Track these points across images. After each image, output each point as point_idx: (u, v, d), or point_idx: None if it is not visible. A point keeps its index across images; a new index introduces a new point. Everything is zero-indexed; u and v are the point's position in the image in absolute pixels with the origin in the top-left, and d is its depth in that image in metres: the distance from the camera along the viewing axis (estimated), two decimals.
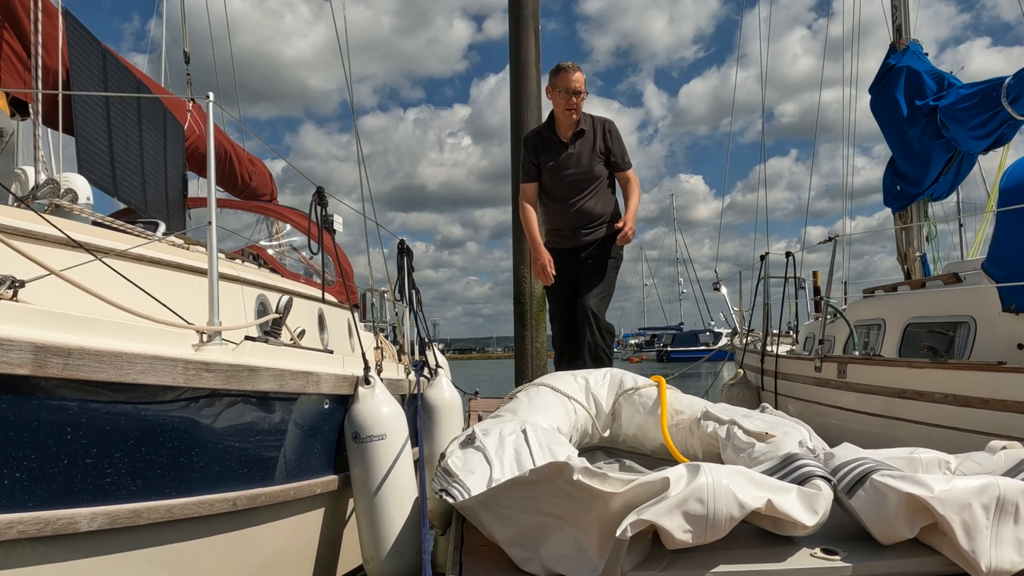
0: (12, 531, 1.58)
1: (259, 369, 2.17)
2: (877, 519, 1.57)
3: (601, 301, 4.10)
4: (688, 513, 1.44)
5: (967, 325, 4.01)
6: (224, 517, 2.13)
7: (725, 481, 1.47)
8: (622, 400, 2.99)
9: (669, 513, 1.44)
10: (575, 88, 4.00)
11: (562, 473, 1.52)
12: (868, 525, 1.60)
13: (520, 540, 1.67)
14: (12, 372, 1.53)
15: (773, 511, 1.51)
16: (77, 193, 3.23)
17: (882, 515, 1.56)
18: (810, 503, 1.54)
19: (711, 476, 1.47)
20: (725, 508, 1.45)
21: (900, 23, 6.46)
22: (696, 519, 1.45)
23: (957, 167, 5.97)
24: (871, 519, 1.59)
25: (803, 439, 2.21)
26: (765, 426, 2.34)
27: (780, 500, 1.52)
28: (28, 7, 3.58)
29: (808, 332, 7.44)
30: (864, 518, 1.61)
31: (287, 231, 6.08)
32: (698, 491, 1.45)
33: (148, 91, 4.60)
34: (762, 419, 2.47)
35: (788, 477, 1.62)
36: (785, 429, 2.30)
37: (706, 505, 1.45)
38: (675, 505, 1.44)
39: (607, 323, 4.10)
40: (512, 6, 6.61)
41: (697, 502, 1.45)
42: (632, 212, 4.15)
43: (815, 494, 1.55)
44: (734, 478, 1.50)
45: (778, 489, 1.55)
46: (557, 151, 4.15)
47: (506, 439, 2.17)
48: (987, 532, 1.47)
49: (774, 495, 1.52)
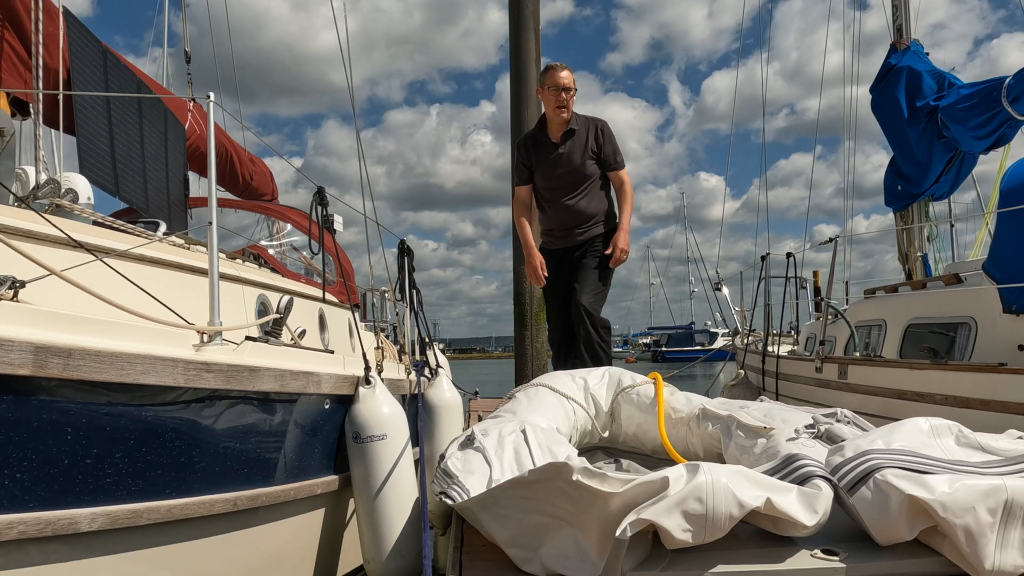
0: (13, 531, 1.59)
1: (260, 369, 2.17)
2: (877, 519, 1.56)
3: (595, 298, 4.10)
4: (687, 512, 1.44)
5: (968, 326, 4.01)
6: (225, 517, 2.13)
7: (724, 480, 1.47)
8: (621, 399, 2.99)
9: (668, 512, 1.43)
10: (564, 84, 4.04)
11: (561, 473, 1.52)
12: (868, 525, 1.60)
13: (520, 540, 1.67)
14: (13, 372, 1.53)
15: (773, 510, 1.50)
16: (78, 193, 3.23)
17: (883, 516, 1.55)
18: (810, 503, 1.54)
19: (710, 475, 1.47)
20: (724, 507, 1.45)
21: (900, 23, 6.46)
22: (695, 518, 1.44)
23: (958, 167, 5.97)
24: (871, 519, 1.58)
25: (802, 424, 2.20)
26: (762, 416, 2.34)
27: (780, 499, 1.52)
28: (29, 7, 3.58)
29: (809, 333, 7.44)
30: (864, 518, 1.60)
31: (288, 231, 6.09)
32: (697, 490, 1.44)
33: (149, 91, 4.60)
34: (759, 408, 2.47)
35: (788, 477, 1.62)
36: (784, 416, 2.31)
37: (705, 504, 1.44)
38: (674, 504, 1.44)
39: (602, 318, 4.10)
40: (512, 6, 6.61)
41: (696, 501, 1.44)
42: (625, 226, 4.16)
43: (815, 494, 1.55)
44: (733, 477, 1.49)
45: (778, 489, 1.55)
46: (548, 151, 4.17)
47: (505, 439, 2.17)
48: (991, 536, 1.45)
49: (774, 494, 1.52)
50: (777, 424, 2.25)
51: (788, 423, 2.24)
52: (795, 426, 2.19)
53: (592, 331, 4.00)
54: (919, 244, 6.43)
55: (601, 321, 4.08)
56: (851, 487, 1.61)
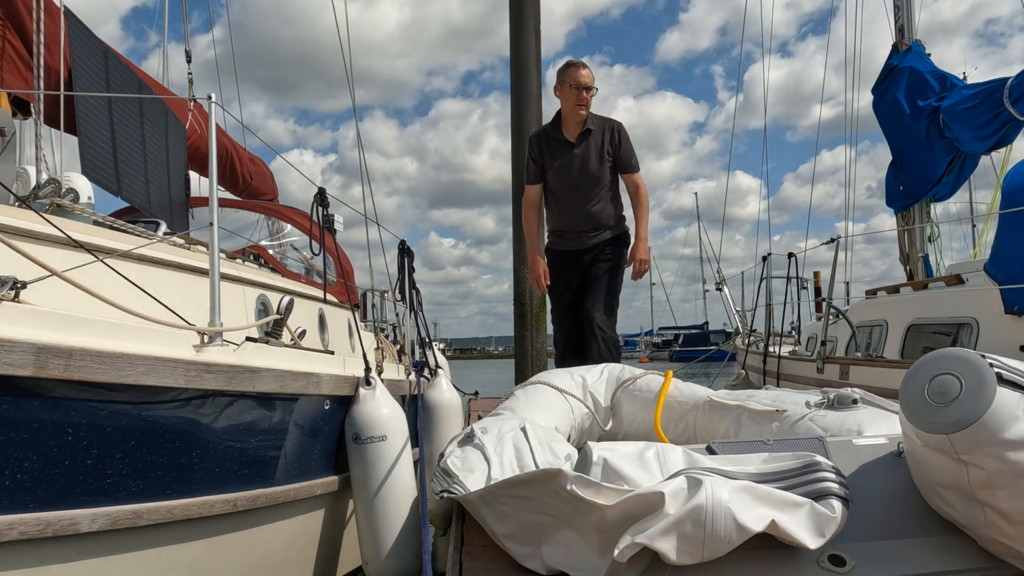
0: (13, 532, 1.59)
1: (260, 370, 2.17)
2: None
3: (607, 312, 4.06)
4: (684, 535, 1.37)
5: (969, 327, 4.01)
6: (224, 518, 2.13)
7: (725, 500, 1.38)
8: (621, 394, 2.98)
9: (664, 535, 1.37)
10: (585, 83, 3.96)
11: (555, 480, 1.50)
12: None
13: (519, 536, 1.67)
14: (14, 373, 1.53)
15: (776, 531, 1.43)
16: (78, 193, 3.23)
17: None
18: (819, 525, 1.44)
19: (711, 495, 1.38)
20: (723, 531, 1.37)
21: (902, 23, 6.45)
22: (692, 541, 1.37)
23: (959, 168, 5.96)
24: None
25: (813, 400, 2.23)
26: (771, 401, 2.35)
27: (785, 520, 1.43)
28: (30, 7, 3.58)
29: (810, 333, 7.44)
30: None
31: (288, 231, 6.09)
32: (695, 513, 1.37)
33: (150, 91, 4.60)
34: (767, 395, 2.48)
35: (804, 488, 1.51)
36: (794, 399, 2.33)
37: (703, 527, 1.37)
38: (670, 526, 1.37)
39: (614, 337, 4.05)
40: (512, 6, 6.60)
41: (693, 524, 1.37)
42: (643, 235, 4.08)
43: (827, 517, 1.44)
44: (736, 496, 1.40)
45: (787, 506, 1.46)
46: (563, 151, 4.09)
47: (505, 436, 2.16)
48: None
49: (780, 514, 1.43)
50: (788, 406, 2.25)
51: (798, 404, 2.25)
52: (806, 401, 2.20)
53: (604, 350, 3.94)
54: (920, 245, 6.43)
55: (613, 339, 4.03)
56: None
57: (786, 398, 2.39)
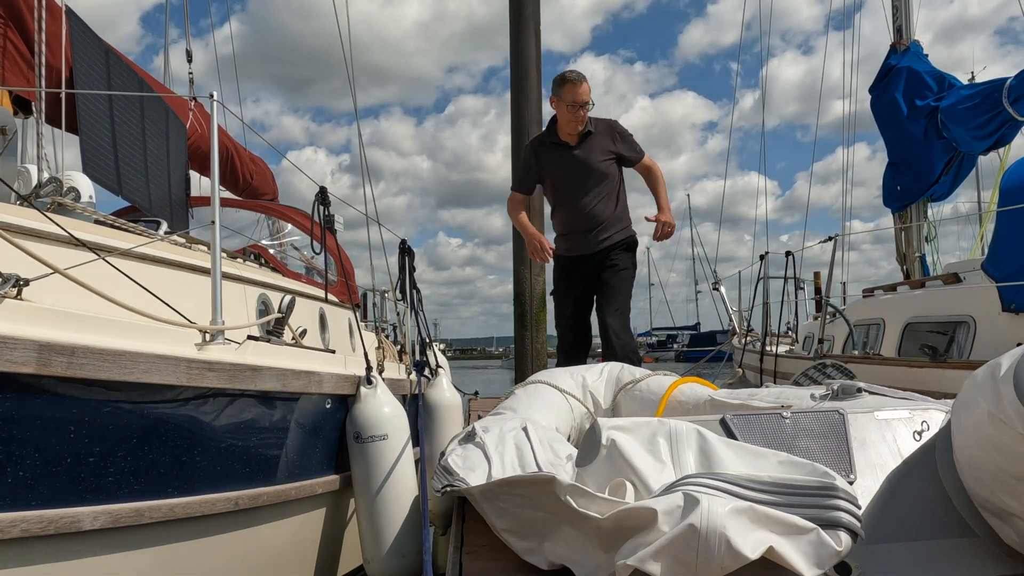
0: (15, 529, 1.59)
1: (261, 369, 2.18)
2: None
3: (625, 324, 4.01)
4: (676, 558, 1.32)
5: (967, 325, 4.02)
6: (226, 517, 2.14)
7: (721, 526, 1.30)
8: (622, 396, 2.98)
9: (655, 558, 1.32)
10: (581, 100, 3.86)
11: (550, 487, 1.50)
12: None
13: (520, 531, 1.68)
14: (16, 371, 1.54)
15: (772, 556, 1.35)
16: (80, 192, 3.24)
17: None
18: (820, 556, 1.36)
19: (706, 517, 1.30)
20: (717, 558, 1.30)
21: (900, 23, 6.46)
22: (684, 564, 1.31)
23: (957, 168, 5.98)
24: None
25: (817, 393, 2.26)
26: (774, 398, 2.36)
27: (784, 546, 1.36)
28: (32, 6, 3.59)
29: (807, 332, 7.45)
30: None
31: (288, 230, 6.10)
32: (687, 537, 1.30)
33: (151, 90, 4.61)
34: (769, 393, 2.48)
35: (815, 511, 1.40)
36: (797, 394, 2.35)
37: (697, 552, 1.30)
38: (661, 549, 1.32)
39: (632, 344, 3.99)
40: (512, 6, 6.61)
41: (685, 548, 1.30)
42: (665, 202, 4.04)
43: (831, 548, 1.36)
44: (734, 520, 1.31)
45: (789, 530, 1.37)
46: (563, 154, 4.03)
47: (506, 435, 2.17)
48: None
49: (779, 539, 1.36)
50: (793, 401, 2.25)
51: (803, 398, 2.26)
52: (810, 394, 2.21)
53: (623, 358, 3.90)
54: (917, 244, 6.44)
55: (633, 348, 3.95)
56: None
57: (789, 394, 2.40)
